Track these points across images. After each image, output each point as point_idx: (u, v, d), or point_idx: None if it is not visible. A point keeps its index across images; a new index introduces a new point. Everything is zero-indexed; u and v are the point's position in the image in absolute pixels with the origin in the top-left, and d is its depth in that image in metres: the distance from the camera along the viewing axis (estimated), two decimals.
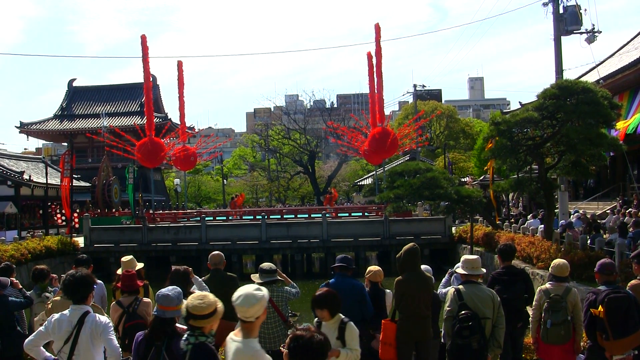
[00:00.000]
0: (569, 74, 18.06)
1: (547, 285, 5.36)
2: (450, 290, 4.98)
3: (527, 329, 5.82)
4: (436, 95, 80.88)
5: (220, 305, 3.35)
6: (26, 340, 4.03)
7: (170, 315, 3.49)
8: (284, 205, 51.75)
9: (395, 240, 21.90)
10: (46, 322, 4.08)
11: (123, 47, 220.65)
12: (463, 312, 4.69)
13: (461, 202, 17.39)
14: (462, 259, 5.13)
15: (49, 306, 5.33)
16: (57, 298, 5.34)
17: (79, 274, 4.00)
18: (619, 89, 19.05)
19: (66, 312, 4.01)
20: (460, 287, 4.87)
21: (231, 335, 3.15)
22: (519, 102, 31.49)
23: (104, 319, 4.01)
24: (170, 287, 3.61)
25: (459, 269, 5.08)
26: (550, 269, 5.50)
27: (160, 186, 46.96)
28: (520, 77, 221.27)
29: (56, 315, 4.02)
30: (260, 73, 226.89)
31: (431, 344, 5.36)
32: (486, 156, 17.86)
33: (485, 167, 25.24)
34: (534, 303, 5.40)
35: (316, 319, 4.28)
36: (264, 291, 3.12)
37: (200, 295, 3.32)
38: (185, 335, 3.19)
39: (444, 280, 6.24)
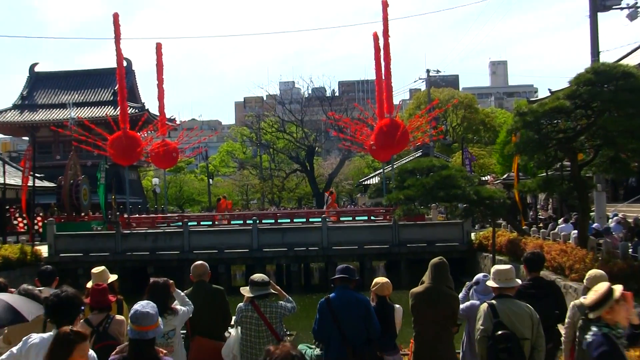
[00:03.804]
0: (607, 57, 18.08)
1: (582, 299, 5.29)
2: (483, 305, 4.95)
3: (558, 350, 5.78)
4: (453, 81, 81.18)
5: None
6: None
7: (152, 336, 3.49)
8: (278, 208, 51.70)
9: (405, 248, 21.90)
10: (20, 343, 4.01)
11: (93, 26, 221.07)
12: (500, 332, 4.65)
13: (481, 204, 17.36)
14: (493, 269, 5.15)
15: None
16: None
17: (64, 294, 3.93)
18: None
19: (46, 335, 3.93)
20: (494, 301, 4.87)
21: None
22: (548, 89, 31.27)
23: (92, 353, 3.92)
24: (144, 303, 3.58)
25: (490, 281, 5.09)
26: (585, 280, 5.50)
27: (136, 187, 46.93)
28: (549, 61, 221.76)
29: (35, 339, 3.92)
30: (251, 57, 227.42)
31: None
32: (510, 151, 17.81)
33: (511, 165, 25.23)
34: (566, 320, 5.37)
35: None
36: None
37: None
38: None
39: (461, 295, 6.22)
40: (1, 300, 4.43)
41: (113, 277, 6.06)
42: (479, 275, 6.10)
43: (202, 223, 26.53)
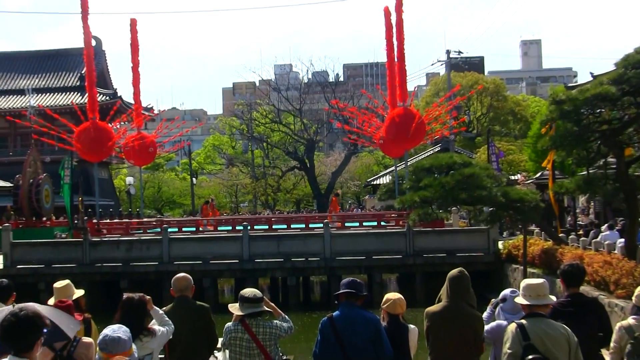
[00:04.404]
0: None
1: (630, 320, 5.35)
2: (511, 326, 4.93)
3: None
4: (477, 64, 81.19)
5: None
6: None
7: None
8: (273, 212, 51.75)
9: (421, 258, 21.89)
10: None
11: None
12: (531, 356, 4.63)
13: (510, 208, 17.38)
14: (523, 284, 5.12)
15: None
16: None
17: (23, 313, 3.89)
18: None
19: None
20: (523, 321, 4.85)
21: None
22: (590, 72, 31.28)
23: None
24: (115, 327, 3.58)
25: (520, 297, 5.06)
26: (633, 298, 5.51)
27: (107, 187, 47.00)
28: (591, 40, 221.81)
29: None
30: (241, 36, 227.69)
31: None
32: (545, 146, 17.83)
33: (544, 162, 25.22)
34: (611, 344, 5.37)
35: None
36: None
37: None
38: None
39: (485, 314, 6.21)
40: None
41: (79, 293, 6.01)
42: (507, 291, 6.08)
43: (184, 229, 26.56)
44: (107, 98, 40.37)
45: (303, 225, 26.41)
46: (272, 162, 58.47)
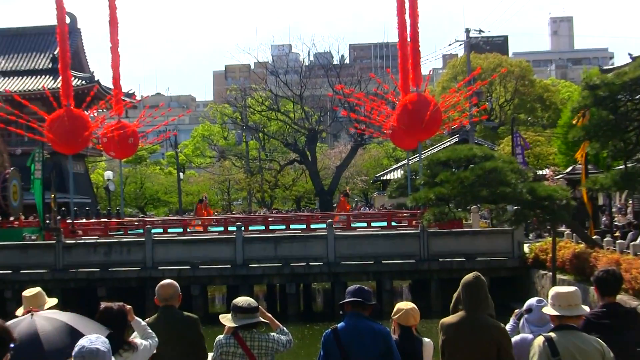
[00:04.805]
0: None
1: None
2: (538, 339, 4.88)
3: None
4: (500, 45, 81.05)
5: None
6: None
7: None
8: (270, 211, 51.82)
9: (436, 263, 21.94)
10: None
11: None
12: None
13: (538, 207, 17.37)
14: (551, 292, 5.07)
15: None
16: None
17: None
18: None
19: None
20: (552, 334, 4.82)
21: None
22: (629, 54, 31.19)
23: None
24: (93, 337, 3.57)
25: (548, 307, 5.04)
26: None
27: (83, 182, 46.89)
28: (628, 17, 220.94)
29: None
30: (235, 13, 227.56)
31: None
32: (576, 137, 17.80)
33: (577, 154, 25.17)
34: None
35: None
36: None
37: None
38: None
39: (508, 326, 6.15)
40: (59, 321, 4.45)
41: (52, 302, 5.92)
42: (532, 301, 6.01)
43: (169, 230, 26.70)
44: (83, 82, 40.20)
45: (304, 226, 26.47)
46: (269, 154, 58.49)
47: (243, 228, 23.53)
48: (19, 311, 5.85)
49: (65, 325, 4.49)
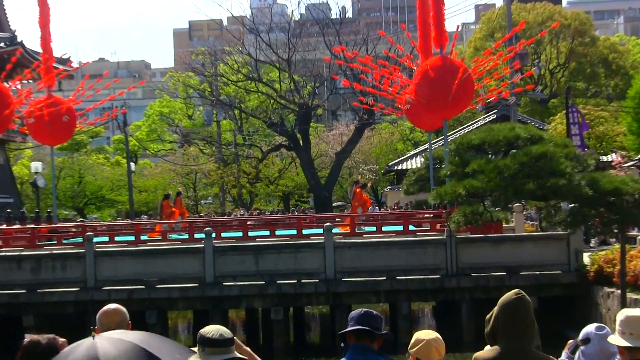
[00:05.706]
0: None
1: None
2: None
3: None
4: None
5: None
6: None
7: None
8: (250, 213, 50.83)
9: (468, 279, 21.75)
10: None
11: None
12: None
13: (601, 204, 17.22)
14: (619, 316, 4.90)
15: None
16: None
17: None
18: None
19: None
20: None
21: None
22: None
23: None
24: None
25: (614, 336, 4.87)
26: None
27: (3, 176, 46.99)
28: None
29: None
30: None
31: None
32: None
33: None
34: None
35: None
36: None
37: None
38: None
39: None
40: (125, 342, 4.67)
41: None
42: (591, 328, 5.90)
43: (117, 239, 26.55)
44: (3, 45, 39.88)
45: (294, 232, 26.30)
46: (247, 138, 57.87)
47: (214, 235, 23.45)
48: None
49: (135, 347, 4.62)
